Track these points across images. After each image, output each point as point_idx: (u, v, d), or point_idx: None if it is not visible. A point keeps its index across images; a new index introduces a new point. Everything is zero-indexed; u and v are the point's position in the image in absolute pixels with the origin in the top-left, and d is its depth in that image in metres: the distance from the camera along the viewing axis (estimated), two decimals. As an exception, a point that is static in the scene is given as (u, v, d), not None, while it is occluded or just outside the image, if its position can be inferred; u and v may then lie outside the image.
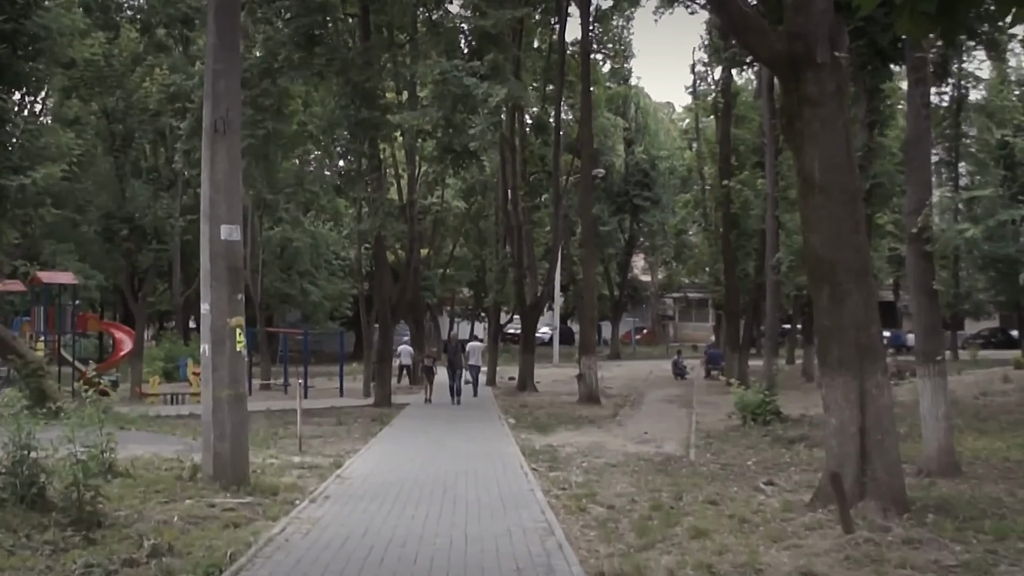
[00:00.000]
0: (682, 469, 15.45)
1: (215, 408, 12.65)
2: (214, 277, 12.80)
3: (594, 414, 26.39)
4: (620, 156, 59.70)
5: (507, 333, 52.73)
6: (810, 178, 10.73)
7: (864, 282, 10.75)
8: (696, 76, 44.14)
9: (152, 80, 31.85)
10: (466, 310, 66.29)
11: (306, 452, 17.14)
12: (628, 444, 19.60)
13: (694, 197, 46.25)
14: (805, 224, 11.01)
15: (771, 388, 23.09)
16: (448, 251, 53.09)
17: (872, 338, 10.74)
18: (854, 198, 10.85)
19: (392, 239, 30.63)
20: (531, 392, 34.26)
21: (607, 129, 52.84)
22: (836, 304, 10.65)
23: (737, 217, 36.81)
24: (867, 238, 11.16)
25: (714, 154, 39.44)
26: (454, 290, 60.01)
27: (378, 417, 24.73)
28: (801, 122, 10.72)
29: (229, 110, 13.13)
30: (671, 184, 64.03)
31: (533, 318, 36.97)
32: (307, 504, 11.64)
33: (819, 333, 11.02)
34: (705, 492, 12.60)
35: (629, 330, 71.59)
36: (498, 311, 41.95)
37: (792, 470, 14.83)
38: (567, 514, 11.22)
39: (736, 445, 18.79)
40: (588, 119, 31.38)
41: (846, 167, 10.76)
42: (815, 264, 10.81)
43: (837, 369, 10.65)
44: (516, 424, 23.44)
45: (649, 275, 75.79)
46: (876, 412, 10.56)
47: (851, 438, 10.50)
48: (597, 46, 36.23)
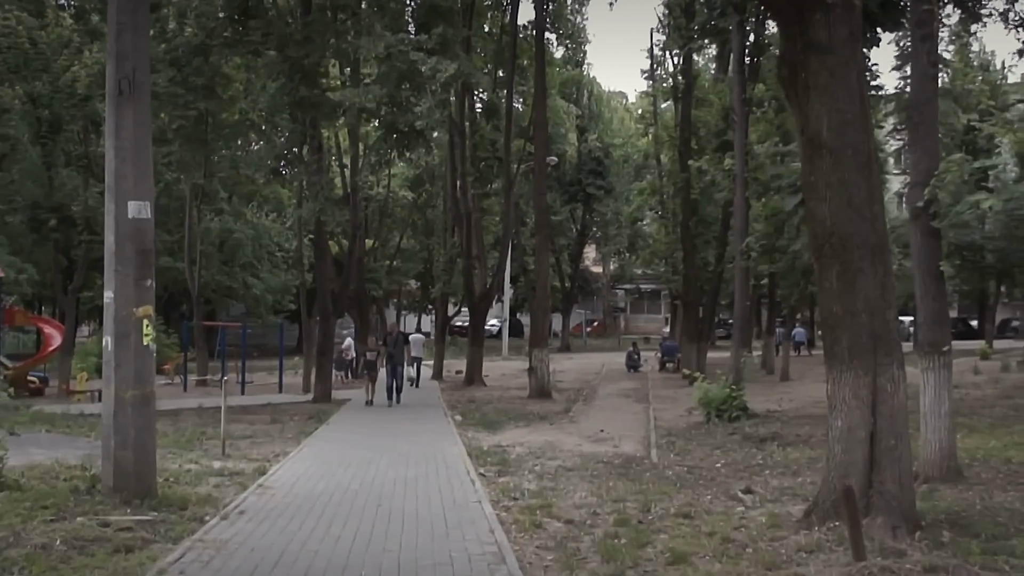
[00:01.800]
0: (645, 473, 14.02)
1: (117, 410, 10.99)
2: (119, 261, 11.12)
3: (546, 410, 25.03)
4: (572, 144, 58.41)
5: (455, 326, 51.43)
6: (817, 138, 9.24)
7: (880, 259, 9.28)
8: (653, 60, 42.65)
9: (80, 63, 29.96)
10: (413, 303, 64.99)
11: (230, 456, 15.54)
12: (583, 443, 18.19)
13: (650, 184, 44.89)
14: (810, 192, 9.47)
15: (738, 382, 21.75)
16: (395, 243, 51.61)
17: (888, 325, 9.29)
18: (869, 161, 9.33)
19: (332, 224, 28.89)
20: (479, 386, 32.93)
21: (559, 117, 51.55)
22: (847, 286, 9.19)
23: (697, 204, 35.52)
24: (883, 208, 9.67)
25: (672, 139, 38.05)
26: (401, 282, 58.57)
27: (315, 414, 23.18)
28: (807, 73, 9.21)
29: (136, 69, 11.43)
30: (625, 173, 63.10)
31: (482, 310, 35.59)
32: (218, 521, 10.04)
33: (825, 320, 9.43)
34: (676, 502, 11.17)
35: (580, 322, 70.61)
36: (446, 303, 40.48)
37: (768, 474, 13.46)
38: (520, 532, 9.71)
39: (702, 444, 17.44)
40: (542, 100, 29.90)
41: (859, 124, 9.27)
42: (822, 239, 9.28)
43: (847, 362, 9.20)
44: (463, 421, 21.98)
45: (600, 266, 74.94)
46: (890, 413, 9.15)
47: (860, 444, 9.08)
48: (551, 25, 34.65)
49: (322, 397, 26.97)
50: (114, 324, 11.07)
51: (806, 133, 9.37)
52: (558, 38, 36.85)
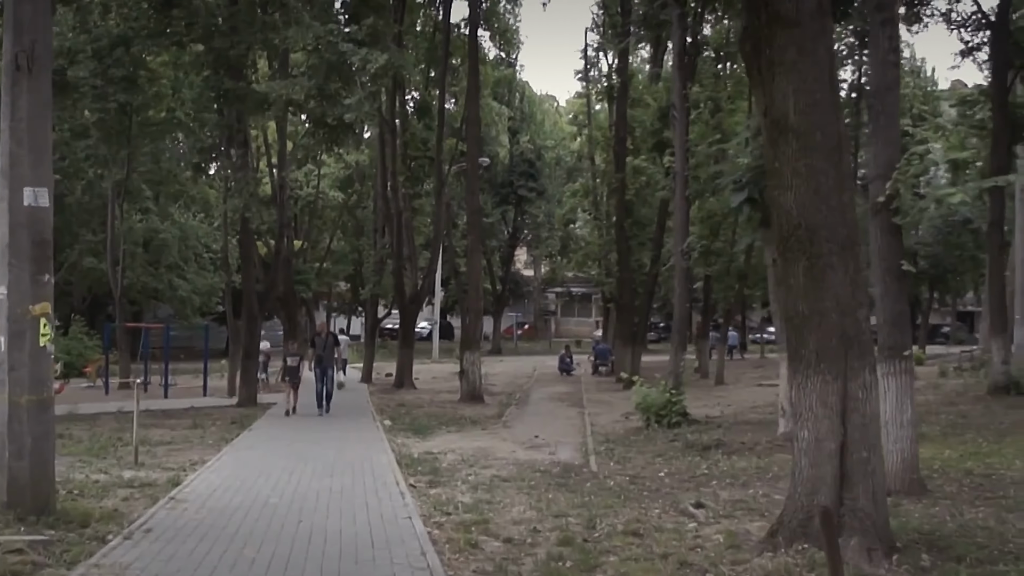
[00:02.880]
0: (585, 483, 13.25)
1: (11, 417, 9.91)
2: (13, 253, 10.04)
3: (478, 414, 24.26)
4: (504, 146, 57.86)
5: (385, 328, 50.44)
6: (782, 120, 8.47)
7: (850, 254, 8.51)
8: (588, 61, 42.04)
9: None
10: (344, 304, 63.88)
11: (143, 464, 14.48)
12: (518, 450, 17.41)
13: (584, 186, 44.32)
14: (775, 180, 8.65)
15: (678, 387, 21.09)
16: (325, 244, 50.51)
17: (859, 325, 8.54)
18: (838, 145, 8.57)
19: (258, 222, 27.69)
20: (409, 390, 32.02)
21: (491, 118, 50.86)
22: (814, 282, 8.43)
23: (632, 205, 34.94)
24: (853, 197, 8.93)
25: (607, 139, 37.43)
26: (331, 284, 57.44)
27: (239, 419, 22.07)
28: (772, 48, 8.43)
29: (36, 42, 10.36)
30: (557, 175, 62.73)
31: (412, 311, 34.67)
32: (120, 541, 9.02)
33: (790, 320, 8.64)
34: (622, 517, 10.38)
35: (511, 325, 69.99)
36: (376, 305, 39.45)
37: (716, 485, 12.74)
38: (454, 553, 8.83)
39: (642, 452, 16.73)
40: (475, 96, 29.08)
41: (828, 105, 8.51)
42: (788, 231, 8.50)
43: (814, 366, 8.43)
44: (392, 426, 21.04)
45: (532, 269, 74.50)
46: (862, 422, 8.39)
47: (829, 457, 8.31)
48: (484, 23, 33.87)
49: (247, 401, 25.80)
50: (8, 323, 9.99)
51: (770, 115, 8.60)
52: (491, 36, 36.06)
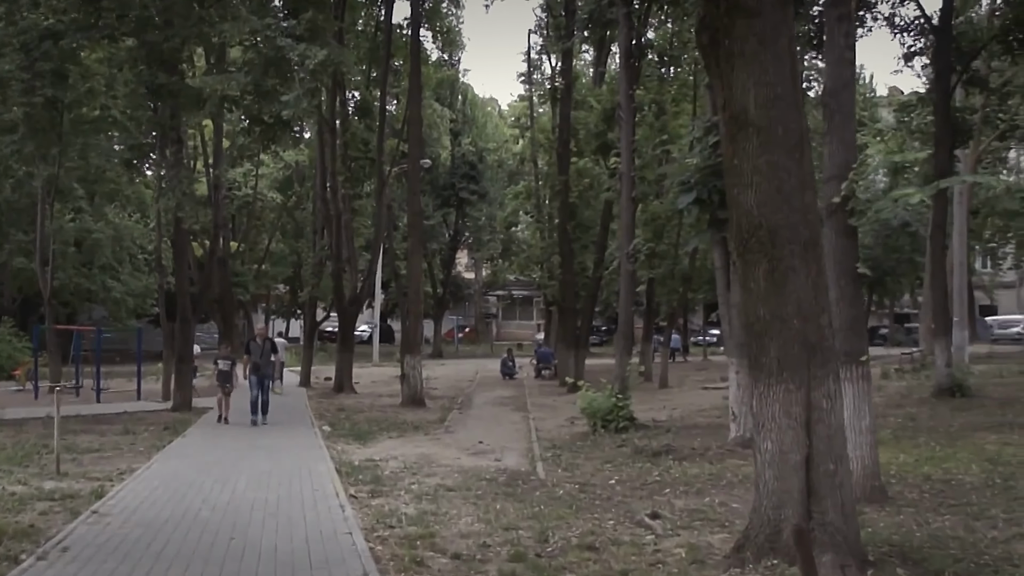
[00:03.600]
0: (534, 491, 12.74)
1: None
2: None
3: (420, 419, 23.66)
4: (446, 148, 57.29)
5: (324, 331, 49.62)
6: (742, 115, 8.04)
7: (813, 256, 8.11)
8: (531, 63, 41.58)
9: None
10: (282, 307, 62.88)
11: (67, 474, 13.73)
12: (462, 456, 16.86)
13: (526, 188, 43.91)
14: (734, 178, 8.17)
15: (624, 391, 20.66)
16: (263, 246, 49.56)
17: (822, 331, 8.12)
18: (800, 142, 8.16)
19: (191, 221, 26.79)
20: (349, 394, 31.32)
21: (433, 120, 50.33)
22: (775, 286, 8.00)
23: (575, 207, 34.52)
24: (815, 197, 8.50)
25: (550, 141, 37.01)
26: (269, 286, 56.48)
27: (172, 425, 21.30)
28: (731, 40, 7.95)
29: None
30: (499, 178, 62.37)
31: (352, 314, 33.98)
32: (34, 562, 8.35)
33: (750, 326, 8.22)
34: (576, 529, 9.90)
35: (452, 328, 69.44)
36: (314, 307, 38.65)
37: (669, 493, 12.30)
38: (399, 572, 8.22)
39: (590, 458, 16.26)
40: (417, 95, 28.51)
41: (790, 100, 8.09)
42: (748, 232, 8.07)
43: (775, 375, 7.99)
44: (332, 432, 20.40)
45: (473, 272, 74.09)
46: (827, 433, 7.97)
47: (794, 469, 7.88)
48: (427, 22, 33.26)
49: (182, 406, 24.97)
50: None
51: (729, 109, 8.15)
52: (433, 36, 35.53)
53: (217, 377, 22.91)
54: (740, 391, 16.55)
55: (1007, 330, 61.01)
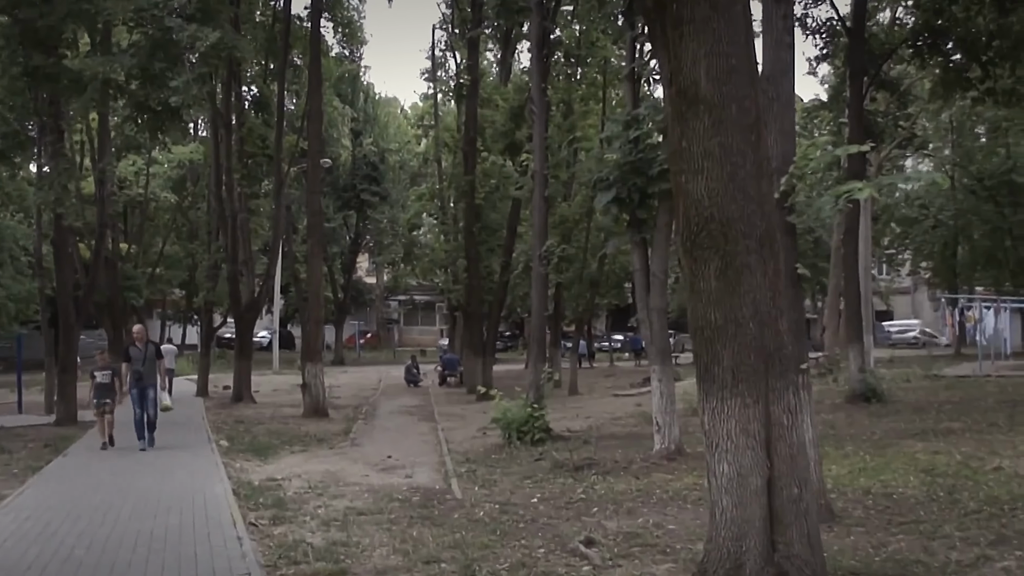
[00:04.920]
0: (452, 513, 11.67)
1: None
2: None
3: (323, 430, 22.44)
4: (347, 148, 55.90)
5: (222, 337, 47.85)
6: (692, 89, 7.06)
7: (770, 253, 7.19)
8: (435, 60, 40.44)
9: None
10: (178, 312, 60.68)
11: (-76, 503, 12.27)
12: (371, 473, 15.73)
13: (430, 190, 42.85)
14: (681, 163, 7.12)
15: (539, 400, 19.73)
16: (158, 248, 47.56)
17: (781, 338, 7.25)
18: (757, 123, 7.24)
19: (72, 218, 25.00)
20: (248, 403, 29.80)
21: (334, 117, 48.89)
22: (729, 286, 7.05)
23: (481, 209, 33.55)
24: (772, 185, 7.62)
25: (455, 140, 35.99)
26: (164, 291, 54.32)
27: (54, 441, 19.70)
28: (679, 3, 7.00)
29: None
30: (401, 179, 61.20)
31: (250, 320, 32.43)
32: None
33: (699, 331, 7.24)
34: (504, 560, 8.82)
35: (353, 334, 67.95)
36: (210, 313, 37.01)
37: (598, 514, 11.33)
38: (306, 624, 7.21)
39: (507, 473, 15.27)
40: (317, 89, 27.14)
41: (746, 74, 7.15)
42: (698, 224, 7.10)
43: (730, 387, 7.05)
44: (230, 447, 19.02)
45: (374, 277, 72.79)
46: (789, 452, 7.08)
47: (755, 494, 6.95)
48: (328, 13, 31.90)
49: (65, 420, 23.36)
50: None
51: (677, 83, 7.11)
52: (334, 27, 34.17)
53: (94, 392, 18.82)
54: (663, 400, 15.78)
55: (904, 335, 62.17)
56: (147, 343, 19.20)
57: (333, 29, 34.12)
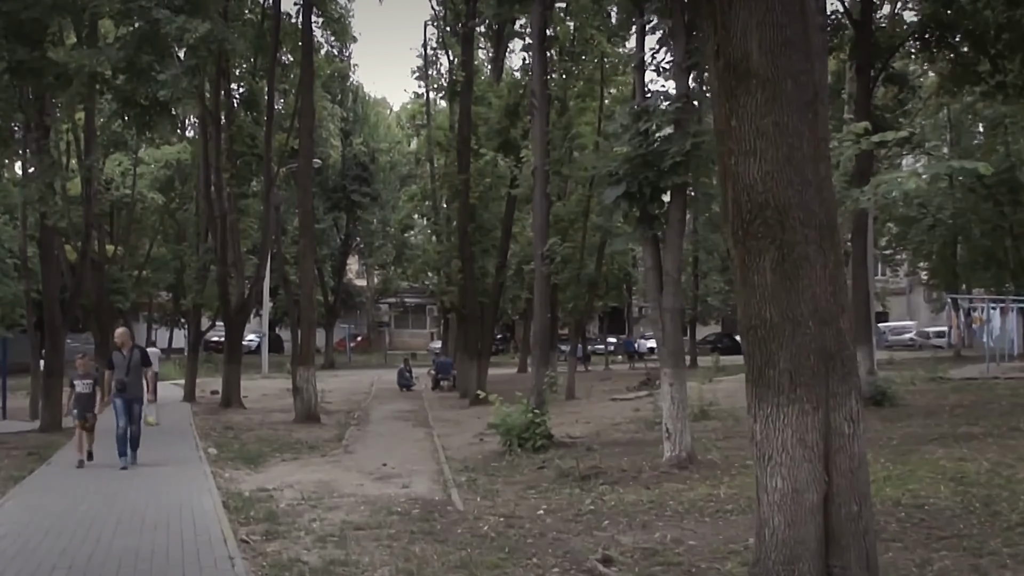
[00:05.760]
0: (455, 528, 10.97)
1: None
2: None
3: (315, 437, 21.73)
4: (337, 148, 55.11)
5: (211, 341, 47.05)
6: (742, 64, 6.39)
7: (831, 242, 6.52)
8: (427, 57, 39.61)
9: None
10: (165, 316, 59.87)
11: None
12: (366, 483, 15.02)
13: (422, 190, 42.13)
14: (731, 143, 6.46)
15: (541, 406, 19.02)
16: (145, 250, 46.76)
17: (843, 338, 6.55)
18: (815, 100, 6.55)
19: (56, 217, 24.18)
20: (238, 409, 29.06)
21: (324, 116, 48.16)
22: (787, 280, 6.37)
23: (475, 209, 32.81)
24: (830, 169, 6.92)
25: (449, 139, 35.23)
26: (151, 294, 53.51)
27: (39, 448, 19.02)
28: None
29: None
30: (391, 180, 60.51)
31: (239, 323, 31.67)
32: None
33: (752, 331, 6.62)
34: (519, 582, 8.21)
35: (343, 338, 67.20)
36: (199, 316, 36.23)
37: (610, 527, 10.62)
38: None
39: (509, 483, 14.58)
40: (309, 85, 26.44)
41: (802, 46, 6.46)
42: (751, 211, 6.42)
43: (786, 393, 6.36)
44: (219, 455, 18.27)
45: (364, 279, 72.11)
46: (849, 466, 6.39)
47: (811, 512, 6.26)
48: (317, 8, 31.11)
49: (51, 426, 22.69)
50: None
51: (725, 56, 6.42)
52: (324, 24, 33.37)
53: (74, 402, 16.82)
54: (675, 405, 15.08)
55: (900, 336, 61.75)
56: (132, 348, 17.07)
57: (323, 25, 33.37)
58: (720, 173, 6.87)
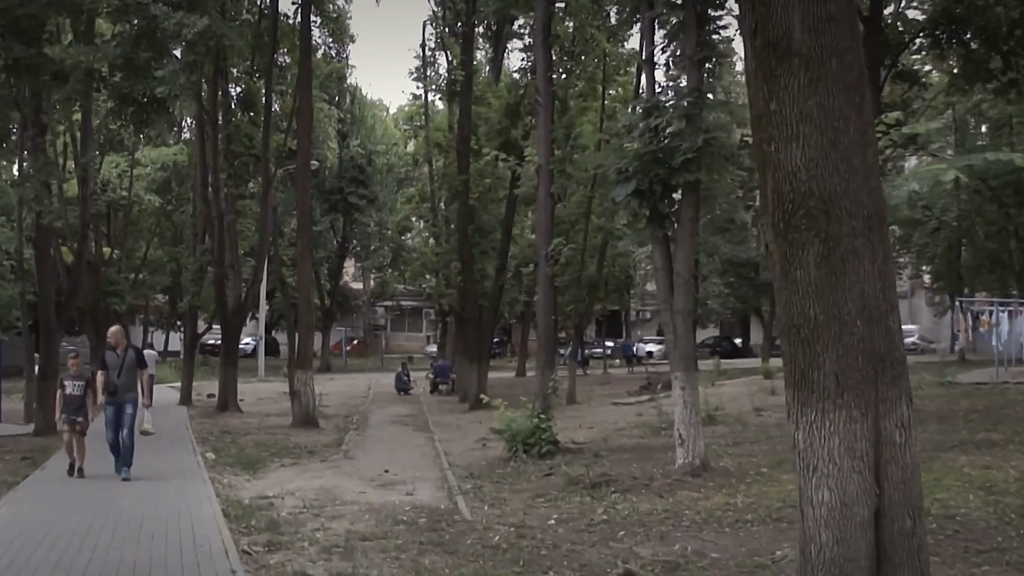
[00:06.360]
0: (465, 538, 10.54)
1: None
2: None
3: (314, 441, 21.34)
4: (333, 150, 54.56)
5: (206, 344, 46.58)
6: (782, 42, 5.93)
7: (879, 235, 6.08)
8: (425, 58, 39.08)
9: None
10: (161, 318, 59.39)
11: None
12: (368, 489, 14.63)
13: (420, 191, 41.65)
14: (769, 127, 6.03)
15: (546, 411, 18.58)
16: (141, 253, 46.28)
17: (892, 337, 6.10)
18: (860, 82, 6.11)
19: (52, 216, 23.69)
20: (234, 412, 28.56)
21: (320, 118, 47.64)
22: (833, 276, 5.91)
23: (474, 211, 32.35)
24: (876, 155, 6.48)
25: (448, 139, 34.76)
26: (148, 296, 53.02)
27: (33, 452, 18.62)
28: None
29: None
30: (388, 183, 60.04)
31: (236, 325, 31.16)
32: None
33: (795, 330, 6.12)
34: (538, 600, 7.77)
35: (339, 341, 66.70)
36: (195, 318, 35.69)
37: (625, 537, 10.20)
38: None
39: (516, 490, 14.16)
40: (307, 83, 25.97)
41: (846, 24, 6.03)
42: (794, 201, 5.96)
43: (833, 397, 5.89)
44: (216, 460, 17.87)
45: (360, 282, 71.65)
46: (901, 477, 5.96)
47: (861, 528, 5.79)
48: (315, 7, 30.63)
49: (46, 429, 22.07)
50: None
51: (764, 34, 5.98)
52: (322, 23, 32.90)
53: (63, 406, 15.51)
54: (687, 411, 14.65)
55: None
56: (126, 348, 15.86)
57: (321, 25, 32.94)
58: (758, 161, 6.41)
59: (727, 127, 16.93)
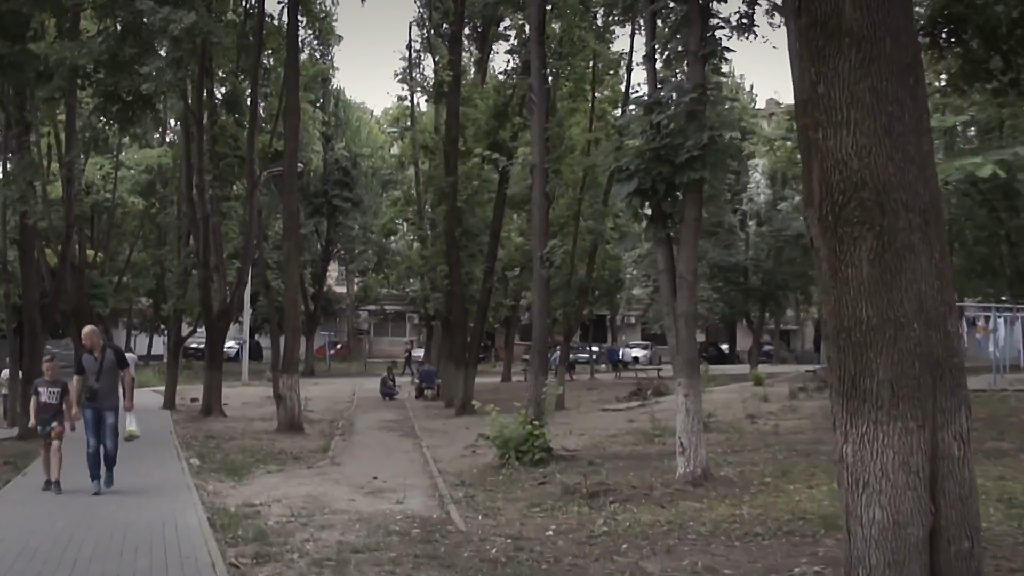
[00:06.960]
0: (461, 551, 10.06)
1: None
2: None
3: (299, 447, 20.88)
4: (318, 152, 54.08)
5: (190, 347, 45.98)
6: (831, 20, 5.49)
7: (936, 231, 5.68)
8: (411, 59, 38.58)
9: None
10: (145, 322, 58.68)
11: None
12: (357, 497, 14.16)
13: (405, 194, 41.16)
14: (816, 112, 5.58)
15: (540, 417, 18.12)
16: (125, 255, 45.66)
17: (951, 341, 5.67)
18: (915, 64, 5.71)
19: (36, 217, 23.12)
20: (218, 417, 28.12)
21: (305, 121, 47.08)
22: (887, 273, 5.47)
23: (461, 213, 31.85)
24: (932, 144, 6.04)
25: (435, 141, 34.29)
26: (131, 299, 52.32)
27: (15, 458, 18.13)
28: None
29: None
30: (373, 186, 59.59)
31: (221, 328, 30.62)
32: None
33: (846, 333, 5.66)
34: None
35: (323, 345, 66.11)
36: (179, 321, 35.14)
37: (628, 551, 9.73)
38: None
39: (510, 499, 13.70)
40: (294, 83, 25.44)
41: (900, 1, 5.63)
42: (844, 192, 5.50)
43: (886, 408, 5.43)
44: (201, 466, 17.36)
45: (344, 286, 71.13)
46: (959, 494, 5.54)
47: (915, 549, 5.35)
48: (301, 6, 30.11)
49: (28, 433, 21.30)
50: None
51: (811, 12, 5.57)
52: (308, 23, 32.39)
53: (37, 413, 14.40)
54: (689, 418, 14.21)
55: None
56: (104, 349, 14.47)
57: (307, 24, 32.46)
58: (803, 149, 5.94)
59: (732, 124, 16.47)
